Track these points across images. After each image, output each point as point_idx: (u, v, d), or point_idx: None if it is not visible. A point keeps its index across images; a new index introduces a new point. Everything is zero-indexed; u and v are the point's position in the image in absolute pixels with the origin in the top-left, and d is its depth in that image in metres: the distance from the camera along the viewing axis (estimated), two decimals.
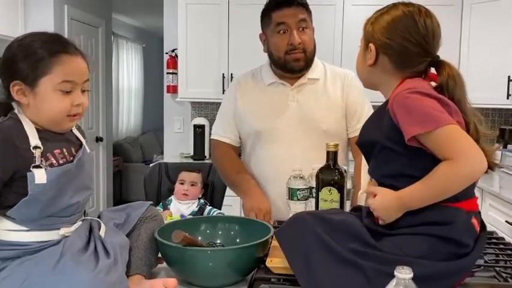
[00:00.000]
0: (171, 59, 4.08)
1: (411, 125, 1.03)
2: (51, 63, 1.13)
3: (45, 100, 1.14)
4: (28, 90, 1.14)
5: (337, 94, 1.85)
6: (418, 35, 1.13)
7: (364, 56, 1.21)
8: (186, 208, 2.10)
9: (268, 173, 1.82)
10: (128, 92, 7.24)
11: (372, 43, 1.18)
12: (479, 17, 3.47)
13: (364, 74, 1.25)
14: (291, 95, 1.84)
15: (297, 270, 1.07)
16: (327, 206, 1.36)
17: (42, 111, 1.15)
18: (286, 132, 1.82)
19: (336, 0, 3.63)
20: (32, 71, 1.12)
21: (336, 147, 1.38)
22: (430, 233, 1.04)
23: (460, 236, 1.04)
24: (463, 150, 1.00)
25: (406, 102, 1.05)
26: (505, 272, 1.19)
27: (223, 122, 1.94)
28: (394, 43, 1.15)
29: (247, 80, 1.93)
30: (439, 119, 1.01)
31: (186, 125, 4.16)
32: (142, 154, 6.74)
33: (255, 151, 1.87)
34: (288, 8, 1.78)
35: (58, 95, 1.14)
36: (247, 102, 1.88)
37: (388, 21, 1.16)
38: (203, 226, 1.44)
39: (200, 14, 3.71)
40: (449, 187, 1.03)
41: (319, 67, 1.90)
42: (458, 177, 1.01)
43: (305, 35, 1.79)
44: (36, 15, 3.83)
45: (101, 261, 1.10)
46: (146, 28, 7.82)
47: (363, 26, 1.23)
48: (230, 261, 1.19)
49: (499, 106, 3.54)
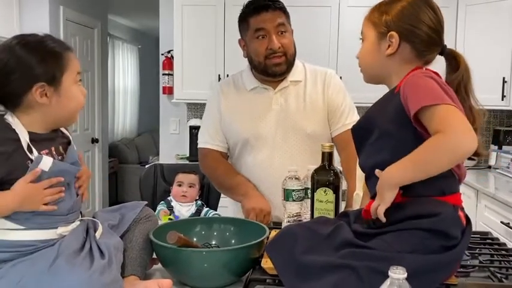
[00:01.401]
0: (167, 60, 4.08)
1: (417, 101, 1.03)
2: (66, 59, 1.18)
3: (70, 95, 1.19)
4: (51, 90, 1.16)
5: (319, 95, 1.85)
6: (438, 22, 1.16)
7: (379, 47, 1.18)
8: (187, 211, 2.11)
9: (257, 179, 1.82)
10: (124, 93, 7.23)
11: (395, 31, 1.15)
12: (474, 18, 3.48)
13: (376, 66, 1.21)
14: (275, 99, 1.84)
15: (290, 285, 1.06)
16: (322, 206, 1.36)
17: (66, 107, 1.19)
18: (272, 137, 1.81)
19: (331, 2, 3.64)
20: (56, 70, 1.15)
21: (331, 148, 1.38)
22: (418, 227, 1.04)
23: (447, 228, 1.04)
24: (453, 124, 1.00)
25: (417, 81, 1.08)
26: (499, 273, 1.19)
27: (210, 129, 1.91)
28: (419, 30, 1.14)
29: (229, 86, 1.91)
30: (443, 98, 1.02)
31: (181, 126, 4.16)
32: (138, 155, 6.72)
33: (243, 157, 1.86)
34: (265, 12, 1.76)
35: (77, 89, 1.21)
36: (232, 110, 1.86)
37: (408, 9, 1.15)
38: (198, 227, 1.44)
39: (196, 15, 3.71)
40: (435, 159, 1.01)
41: (300, 68, 1.89)
42: (445, 148, 1.00)
43: (284, 39, 1.78)
44: (31, 16, 3.82)
45: (96, 262, 1.10)
46: (142, 29, 7.81)
47: (370, 16, 1.20)
48: (225, 262, 1.19)
49: (494, 107, 3.55)
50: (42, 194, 1.13)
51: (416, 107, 1.02)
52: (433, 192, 1.07)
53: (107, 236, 1.20)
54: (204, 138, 1.93)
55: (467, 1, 3.51)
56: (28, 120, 1.16)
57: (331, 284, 1.00)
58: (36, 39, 1.17)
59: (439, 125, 1.00)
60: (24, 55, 1.13)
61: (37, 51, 1.14)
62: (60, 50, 1.18)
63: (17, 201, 1.10)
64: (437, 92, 1.04)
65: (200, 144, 1.94)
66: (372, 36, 1.19)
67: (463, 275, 1.18)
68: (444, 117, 1.00)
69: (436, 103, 1.01)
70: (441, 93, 1.04)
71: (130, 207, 1.34)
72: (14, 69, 1.13)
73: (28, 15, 3.81)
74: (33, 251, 1.11)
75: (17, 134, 1.13)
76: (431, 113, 1.01)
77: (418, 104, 1.02)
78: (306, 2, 3.63)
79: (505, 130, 3.71)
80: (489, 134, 3.90)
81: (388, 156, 1.09)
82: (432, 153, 1.01)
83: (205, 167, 1.95)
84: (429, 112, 1.02)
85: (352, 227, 1.14)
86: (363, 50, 1.23)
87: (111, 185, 5.62)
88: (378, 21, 1.18)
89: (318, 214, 1.36)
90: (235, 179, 1.85)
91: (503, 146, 3.64)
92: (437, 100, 1.02)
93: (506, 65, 3.32)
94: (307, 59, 1.95)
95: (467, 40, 3.51)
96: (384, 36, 1.17)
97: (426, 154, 1.02)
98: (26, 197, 1.10)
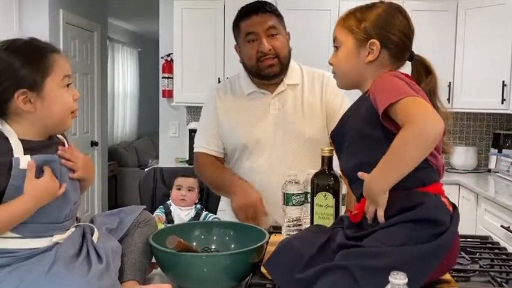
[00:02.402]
0: (167, 64, 4.08)
1: (383, 100, 1.07)
2: (49, 62, 1.14)
3: (54, 100, 1.14)
4: (34, 96, 1.12)
5: (317, 99, 1.84)
6: (409, 28, 1.21)
7: (358, 54, 1.21)
8: (186, 215, 2.10)
9: (256, 184, 1.80)
10: (123, 97, 7.23)
11: (375, 39, 1.18)
12: (474, 22, 3.49)
13: (354, 73, 1.24)
14: (272, 103, 1.83)
15: None
16: (322, 211, 1.36)
17: (52, 112, 1.15)
18: (271, 143, 1.80)
19: (331, 6, 3.65)
20: (37, 75, 1.12)
21: (331, 152, 1.38)
22: (404, 220, 1.05)
23: (434, 215, 1.05)
24: (416, 113, 1.02)
25: (383, 81, 1.13)
26: (499, 277, 1.19)
27: (205, 134, 1.90)
28: (395, 37, 1.18)
29: (226, 90, 1.90)
30: (407, 92, 1.06)
31: (181, 129, 4.16)
32: (138, 159, 6.72)
33: (242, 162, 1.85)
34: (255, 16, 1.76)
35: (63, 92, 1.16)
36: (229, 115, 1.85)
37: (384, 16, 1.19)
38: (198, 231, 1.44)
39: (196, 18, 3.71)
40: (409, 150, 1.03)
41: (296, 71, 1.88)
42: (414, 137, 1.02)
43: (276, 41, 1.76)
44: (31, 20, 3.83)
45: (94, 267, 1.09)
46: (142, 32, 7.82)
47: (345, 23, 1.23)
48: (225, 267, 1.19)
49: (493, 111, 3.56)
50: (54, 181, 1.12)
51: (383, 105, 1.06)
52: (413, 184, 1.09)
53: (104, 240, 1.19)
54: (199, 142, 1.92)
55: (466, 5, 3.51)
56: (20, 128, 1.14)
57: (326, 286, 0.99)
58: (16, 45, 1.14)
59: (404, 117, 1.03)
60: (3, 61, 1.11)
61: (16, 56, 1.11)
62: (43, 53, 1.14)
63: (36, 200, 1.09)
64: (402, 88, 1.08)
65: (196, 148, 1.93)
66: (349, 43, 1.22)
67: (463, 280, 1.18)
68: (407, 109, 1.04)
69: (401, 97, 1.04)
70: (406, 88, 1.07)
71: (129, 211, 1.33)
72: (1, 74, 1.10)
73: (28, 18, 3.82)
74: (30, 256, 1.10)
75: (10, 144, 1.11)
76: (397, 108, 1.05)
77: (385, 102, 1.05)
78: (306, 6, 3.64)
79: (505, 133, 3.71)
80: (489, 138, 3.91)
81: (364, 157, 1.13)
82: (405, 146, 1.03)
83: (196, 168, 1.94)
84: (395, 108, 1.05)
85: (345, 232, 1.15)
86: (340, 57, 1.25)
87: (110, 189, 5.61)
88: (356, 28, 1.20)
89: (318, 218, 1.36)
90: (222, 176, 1.83)
91: (503, 149, 3.64)
92: (402, 95, 1.05)
93: (505, 68, 3.32)
94: (306, 61, 1.95)
95: (467, 44, 3.51)
96: (363, 44, 1.19)
97: (400, 148, 1.03)
98: (41, 191, 1.10)
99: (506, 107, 3.37)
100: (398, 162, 1.05)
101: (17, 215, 1.08)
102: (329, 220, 1.34)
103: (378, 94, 1.10)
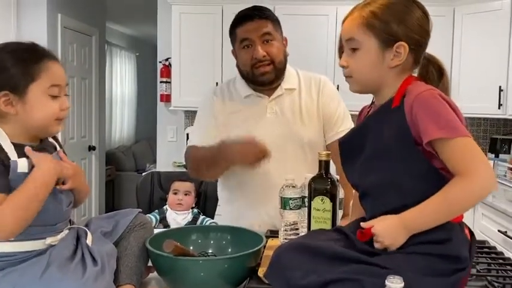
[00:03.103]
0: (165, 68, 4.09)
1: (435, 128, 0.99)
2: (38, 69, 1.13)
3: (36, 106, 1.14)
4: (16, 99, 1.13)
5: (314, 103, 1.84)
6: (429, 25, 1.11)
7: (382, 57, 1.09)
8: (183, 219, 2.10)
9: (253, 188, 1.81)
10: (121, 101, 7.23)
11: (404, 41, 1.07)
12: (471, 28, 3.50)
13: (375, 77, 1.12)
14: (270, 107, 1.83)
15: None
16: (319, 215, 1.35)
17: (32, 118, 1.14)
18: (268, 145, 1.79)
19: (329, 11, 3.66)
20: (22, 79, 1.12)
21: (328, 156, 1.38)
22: (428, 252, 1.01)
23: (459, 252, 1.02)
24: (478, 169, 0.98)
25: (432, 103, 1.02)
26: (496, 281, 1.19)
27: (202, 132, 1.85)
28: (421, 38, 1.10)
29: (223, 93, 1.89)
30: (460, 129, 1.00)
31: (179, 133, 4.16)
32: (135, 163, 6.71)
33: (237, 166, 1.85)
34: (250, 22, 1.76)
35: (47, 100, 1.15)
36: (226, 118, 1.84)
37: (407, 14, 1.08)
38: (195, 235, 1.43)
39: (194, 23, 3.72)
40: (460, 206, 1.00)
41: (293, 75, 1.87)
42: (471, 195, 0.99)
43: (271, 47, 1.76)
44: (29, 24, 3.83)
45: (88, 269, 1.08)
46: (140, 37, 7.83)
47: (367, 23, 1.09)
48: (222, 271, 1.19)
49: (490, 116, 3.56)
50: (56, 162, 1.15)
51: (431, 135, 0.99)
52: None
53: (99, 243, 1.19)
54: (193, 138, 1.86)
55: (463, 10, 3.53)
56: (8, 129, 1.14)
57: None
58: (12, 46, 1.14)
59: (460, 165, 0.98)
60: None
61: (8, 57, 1.12)
62: (34, 58, 1.13)
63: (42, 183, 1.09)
64: (454, 121, 1.00)
65: (189, 143, 1.87)
66: (372, 45, 1.09)
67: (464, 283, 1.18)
68: (465, 156, 0.98)
69: (455, 136, 0.99)
70: (457, 122, 1.00)
71: (124, 214, 1.33)
72: None
73: (26, 23, 3.82)
74: (23, 259, 1.10)
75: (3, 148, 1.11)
76: (448, 147, 0.99)
77: (434, 133, 0.99)
78: (304, 11, 3.65)
79: (502, 138, 3.73)
80: (486, 143, 3.91)
81: (387, 177, 1.07)
82: (460, 200, 0.99)
83: (187, 161, 1.85)
84: (446, 144, 0.99)
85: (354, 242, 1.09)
86: (359, 60, 1.12)
87: (107, 193, 5.60)
88: (380, 28, 1.08)
89: (315, 223, 1.36)
90: (210, 149, 1.71)
91: (500, 154, 3.66)
92: (457, 132, 0.99)
93: (502, 73, 3.33)
94: (304, 66, 1.95)
95: (464, 49, 3.52)
96: (389, 46, 1.08)
97: (454, 201, 0.99)
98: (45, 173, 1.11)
99: (503, 112, 3.38)
100: (445, 212, 1.00)
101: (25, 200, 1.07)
102: (326, 224, 1.34)
103: (423, 118, 1.01)
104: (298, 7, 3.65)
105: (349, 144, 1.19)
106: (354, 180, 1.19)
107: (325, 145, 1.86)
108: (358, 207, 1.28)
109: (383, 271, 0.95)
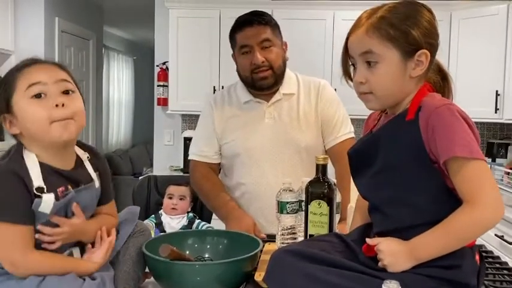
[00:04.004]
0: (162, 72, 4.08)
1: (453, 146, 0.95)
2: (14, 78, 1.09)
3: (24, 115, 1.08)
4: (11, 118, 1.10)
5: (312, 108, 1.84)
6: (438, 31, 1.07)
7: (405, 68, 1.03)
8: (177, 223, 2.08)
9: (251, 193, 1.81)
10: (118, 105, 7.23)
11: (425, 49, 1.02)
12: (468, 32, 3.52)
13: (399, 90, 1.06)
14: (268, 112, 1.83)
15: None
16: (316, 219, 1.35)
17: (29, 129, 1.09)
18: (265, 152, 1.80)
19: (326, 15, 3.67)
20: (5, 95, 1.09)
21: (325, 160, 1.38)
22: (437, 276, 0.99)
23: (467, 279, 1.00)
24: (485, 196, 0.95)
25: (450, 121, 0.97)
26: (493, 286, 1.19)
27: (201, 141, 1.90)
28: (437, 43, 1.06)
29: (223, 99, 1.90)
30: (477, 151, 0.96)
31: (176, 137, 4.15)
32: (132, 167, 6.69)
33: (236, 171, 1.85)
34: (249, 28, 1.76)
35: (33, 104, 1.08)
36: (225, 124, 1.86)
37: (429, 21, 1.04)
38: (191, 240, 1.43)
39: (191, 27, 3.72)
40: (466, 235, 0.98)
41: (293, 80, 1.88)
42: (477, 226, 0.96)
43: (270, 53, 1.77)
44: (26, 28, 3.82)
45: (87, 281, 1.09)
46: (137, 41, 7.84)
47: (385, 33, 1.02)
48: (218, 276, 1.18)
49: (487, 120, 3.57)
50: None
51: (448, 155, 0.96)
52: None
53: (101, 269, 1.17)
54: (194, 149, 1.92)
55: (460, 15, 3.54)
56: (33, 149, 1.11)
57: None
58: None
59: (469, 191, 0.96)
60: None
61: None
62: (10, 73, 1.10)
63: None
64: (471, 141, 0.97)
65: (190, 155, 1.93)
66: (394, 57, 1.02)
67: None
68: (474, 183, 0.96)
69: (471, 157, 0.95)
70: (474, 144, 0.97)
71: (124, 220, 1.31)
72: None
73: (23, 26, 3.81)
74: None
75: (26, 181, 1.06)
76: (462, 168, 0.96)
77: (452, 152, 0.95)
78: (302, 16, 3.66)
79: (499, 143, 3.73)
80: (483, 147, 3.92)
81: (399, 194, 1.04)
82: (467, 229, 0.97)
83: (192, 182, 1.94)
84: (460, 165, 0.96)
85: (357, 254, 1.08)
86: (381, 75, 1.03)
87: None
88: (401, 38, 1.01)
89: (312, 227, 1.35)
90: (217, 199, 1.83)
91: (496, 158, 3.66)
92: (471, 153, 0.95)
93: (499, 78, 3.35)
94: (302, 70, 1.96)
95: (461, 54, 3.54)
96: (411, 56, 1.02)
97: (461, 230, 0.97)
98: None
99: (499, 116, 3.39)
100: (452, 241, 0.98)
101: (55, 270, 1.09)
102: (323, 228, 1.34)
103: (440, 136, 0.97)
104: (295, 12, 3.66)
105: (358, 156, 1.15)
106: (364, 192, 1.17)
107: (324, 150, 1.86)
108: (359, 213, 1.27)
109: None
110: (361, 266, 1.02)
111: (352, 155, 1.17)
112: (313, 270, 1.00)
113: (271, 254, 1.09)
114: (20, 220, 1.05)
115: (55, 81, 1.11)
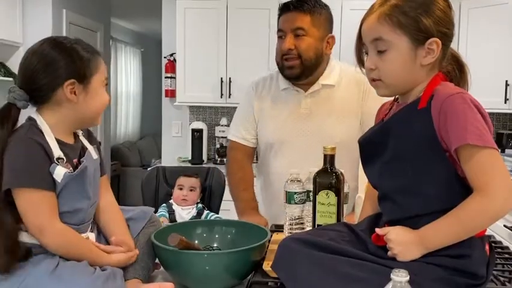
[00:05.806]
0: (170, 63, 4.08)
1: (465, 134, 0.95)
2: (98, 62, 1.22)
3: (95, 95, 1.22)
4: (80, 88, 1.18)
5: (353, 101, 1.78)
6: (453, 20, 1.07)
7: (415, 55, 1.03)
8: (187, 213, 2.10)
9: (278, 185, 1.80)
10: (126, 96, 7.24)
11: (437, 37, 1.02)
12: (477, 22, 3.48)
13: (409, 78, 1.06)
14: (304, 103, 1.80)
15: None
16: (324, 209, 1.35)
17: (89, 107, 1.21)
18: (298, 145, 1.79)
19: (334, 5, 3.63)
20: (87, 70, 1.19)
21: (332, 150, 1.38)
22: (446, 265, 0.99)
23: (477, 269, 1.00)
24: (496, 185, 0.94)
25: (462, 108, 0.97)
26: (502, 276, 1.18)
27: (240, 123, 1.93)
28: (450, 32, 1.05)
29: (264, 84, 1.91)
30: (489, 139, 0.96)
31: (184, 129, 4.16)
32: (140, 158, 6.72)
33: (268, 161, 1.86)
34: (287, 13, 1.76)
35: (103, 91, 1.25)
36: (262, 111, 1.87)
37: (441, 9, 1.03)
38: (200, 230, 1.44)
39: (198, 18, 3.72)
40: (478, 224, 0.98)
41: (335, 71, 1.82)
42: (487, 216, 0.96)
43: (301, 42, 1.72)
44: (34, 20, 3.83)
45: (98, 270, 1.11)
46: (145, 32, 7.83)
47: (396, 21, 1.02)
48: (227, 265, 1.19)
49: (496, 110, 3.54)
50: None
51: (460, 142, 0.95)
52: None
53: None
54: (233, 131, 1.96)
55: (469, 5, 3.50)
56: (52, 118, 1.18)
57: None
58: (69, 41, 1.21)
59: (480, 179, 0.95)
60: (64, 50, 1.17)
61: (70, 51, 1.17)
62: (92, 53, 1.22)
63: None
64: (483, 130, 0.96)
65: (229, 136, 1.98)
66: (403, 44, 1.03)
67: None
68: (486, 171, 0.95)
69: (482, 145, 0.94)
70: (486, 132, 0.96)
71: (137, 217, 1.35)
72: (48, 66, 1.15)
73: (31, 18, 3.82)
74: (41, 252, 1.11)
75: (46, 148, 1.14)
76: (473, 156, 0.95)
77: (463, 139, 0.95)
78: None
79: (508, 133, 3.70)
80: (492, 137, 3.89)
81: (409, 182, 1.03)
82: (478, 218, 0.96)
83: (227, 166, 1.99)
84: (471, 152, 0.95)
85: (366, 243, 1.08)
86: (390, 62, 1.04)
87: (113, 188, 5.52)
88: (411, 25, 1.01)
89: (320, 217, 1.36)
90: (242, 193, 1.87)
91: (506, 149, 3.63)
92: (483, 141, 0.95)
93: (508, 68, 3.31)
94: None
95: (470, 43, 3.50)
96: (421, 44, 1.02)
97: (472, 220, 0.97)
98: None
99: (509, 106, 3.36)
100: (463, 230, 0.98)
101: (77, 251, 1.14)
102: (331, 218, 1.34)
103: (453, 123, 0.96)
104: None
105: (369, 144, 1.15)
106: (374, 181, 1.16)
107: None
108: (369, 202, 1.27)
109: None
110: (370, 255, 1.02)
111: (363, 144, 1.17)
112: (321, 258, 1.00)
113: (280, 242, 1.10)
114: (46, 186, 1.11)
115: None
